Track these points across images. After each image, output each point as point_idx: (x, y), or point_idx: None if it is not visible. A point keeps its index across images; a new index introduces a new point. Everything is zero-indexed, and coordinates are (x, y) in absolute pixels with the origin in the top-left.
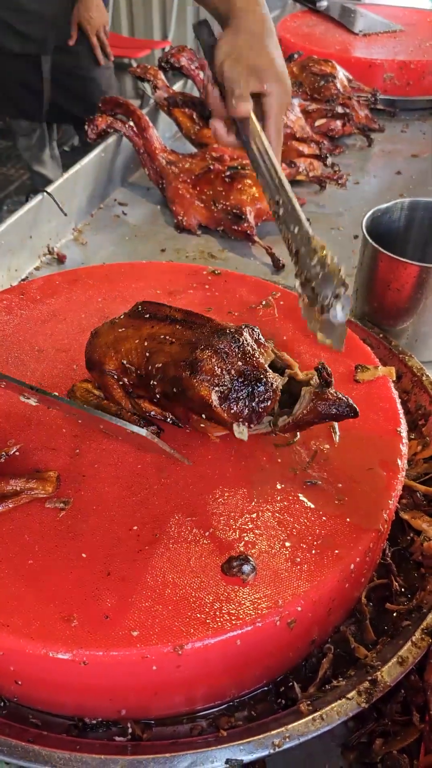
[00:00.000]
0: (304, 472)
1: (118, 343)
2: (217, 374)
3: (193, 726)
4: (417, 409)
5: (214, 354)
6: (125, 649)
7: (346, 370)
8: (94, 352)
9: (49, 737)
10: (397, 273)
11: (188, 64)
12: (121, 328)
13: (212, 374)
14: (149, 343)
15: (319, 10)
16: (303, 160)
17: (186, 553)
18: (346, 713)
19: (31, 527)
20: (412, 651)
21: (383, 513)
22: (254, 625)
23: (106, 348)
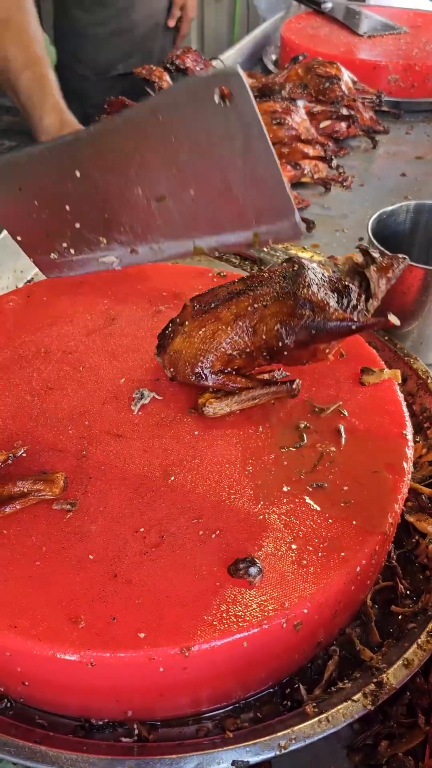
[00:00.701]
0: (309, 474)
1: (210, 342)
2: (326, 300)
3: (198, 727)
4: (422, 412)
5: (309, 288)
6: (132, 650)
7: (351, 372)
8: (186, 368)
9: (56, 738)
10: (402, 276)
11: (193, 66)
12: (200, 329)
13: (324, 302)
14: (244, 321)
15: (323, 11)
16: (308, 162)
17: (192, 555)
18: (351, 715)
19: (38, 529)
20: (417, 653)
21: (389, 516)
22: (261, 627)
23: (200, 355)
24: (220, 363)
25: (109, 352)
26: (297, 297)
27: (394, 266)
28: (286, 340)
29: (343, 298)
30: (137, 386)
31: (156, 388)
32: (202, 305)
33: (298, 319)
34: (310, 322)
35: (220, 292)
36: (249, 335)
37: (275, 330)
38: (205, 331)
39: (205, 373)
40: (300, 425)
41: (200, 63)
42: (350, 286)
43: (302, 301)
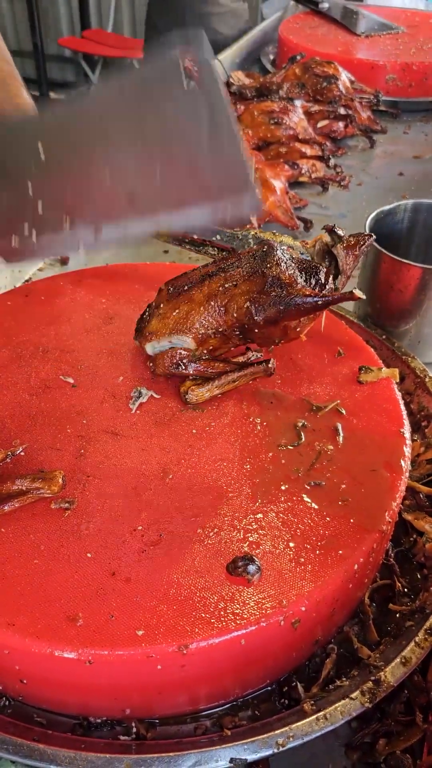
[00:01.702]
0: (307, 473)
1: (183, 323)
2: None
3: (197, 725)
4: (420, 411)
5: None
6: (130, 648)
7: (349, 371)
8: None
9: (54, 736)
10: (400, 275)
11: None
12: (174, 310)
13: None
14: (215, 301)
15: (321, 11)
16: (305, 162)
17: (191, 553)
18: (349, 713)
19: (36, 527)
20: (415, 651)
21: (386, 514)
22: (258, 625)
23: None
24: (195, 342)
25: (107, 350)
26: (265, 275)
27: (360, 243)
28: (256, 317)
29: (311, 278)
30: (135, 385)
31: (154, 386)
32: (176, 288)
33: (267, 296)
34: (278, 298)
35: (193, 275)
36: (221, 314)
37: (245, 308)
38: (179, 312)
39: (184, 362)
40: (298, 424)
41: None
42: (318, 266)
43: (271, 279)
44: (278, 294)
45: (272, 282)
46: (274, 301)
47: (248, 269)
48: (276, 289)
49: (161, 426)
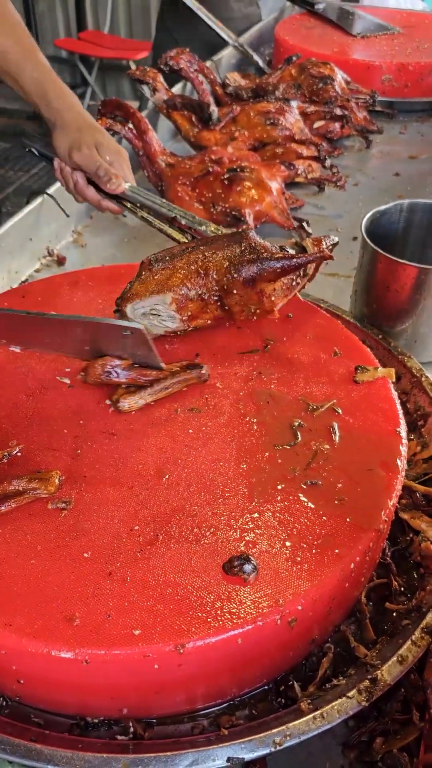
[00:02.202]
0: (304, 472)
1: (164, 284)
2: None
3: (194, 725)
4: (416, 410)
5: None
6: (127, 648)
7: (346, 371)
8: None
9: (51, 736)
10: (396, 274)
11: (187, 67)
12: (155, 275)
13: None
14: (196, 265)
15: (317, 12)
16: (301, 162)
17: (187, 553)
18: (346, 712)
19: (33, 527)
20: (411, 650)
21: (383, 513)
22: (255, 624)
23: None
24: (175, 304)
25: None
26: (242, 245)
27: (324, 241)
28: (235, 275)
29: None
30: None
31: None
32: (158, 258)
33: (246, 257)
34: (255, 260)
35: (174, 249)
36: (201, 277)
37: (224, 268)
38: (161, 275)
39: (116, 371)
40: (294, 423)
41: (194, 64)
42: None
43: (247, 246)
44: (255, 256)
45: (248, 248)
46: (251, 261)
47: (227, 242)
48: (253, 253)
49: (157, 426)
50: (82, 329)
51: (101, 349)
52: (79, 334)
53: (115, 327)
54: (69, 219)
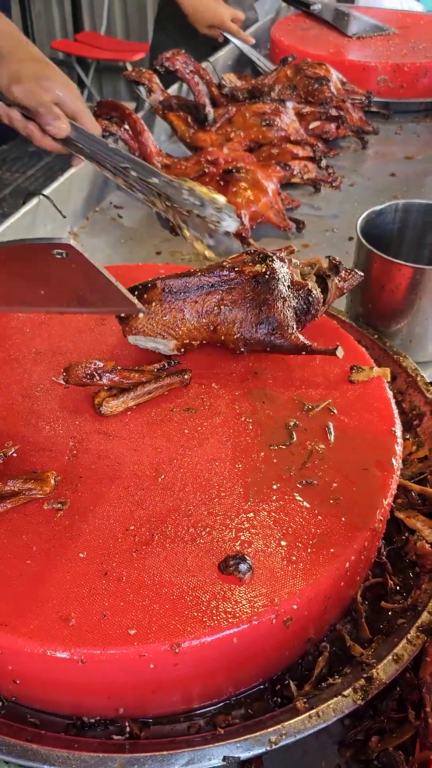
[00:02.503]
0: (299, 472)
1: (171, 329)
2: (287, 319)
3: (190, 724)
4: (412, 410)
5: (275, 304)
6: (122, 647)
7: (341, 371)
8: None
9: (47, 736)
10: (391, 274)
11: (183, 68)
12: (165, 315)
13: (286, 320)
14: (207, 318)
15: (312, 13)
16: (297, 163)
17: (183, 553)
18: (341, 710)
19: (28, 528)
20: (407, 648)
21: (378, 512)
22: (250, 623)
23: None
24: (177, 350)
25: (99, 352)
26: (261, 311)
27: (349, 280)
28: (242, 348)
29: (304, 304)
30: None
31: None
32: (172, 292)
33: (258, 335)
34: (267, 337)
35: (191, 282)
36: (209, 331)
37: (234, 337)
38: (169, 318)
39: (98, 373)
40: (289, 423)
41: (190, 65)
42: (312, 293)
43: (266, 317)
44: (268, 335)
45: (266, 321)
46: (263, 340)
47: (246, 296)
48: (267, 330)
49: (153, 426)
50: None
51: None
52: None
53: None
54: (65, 220)
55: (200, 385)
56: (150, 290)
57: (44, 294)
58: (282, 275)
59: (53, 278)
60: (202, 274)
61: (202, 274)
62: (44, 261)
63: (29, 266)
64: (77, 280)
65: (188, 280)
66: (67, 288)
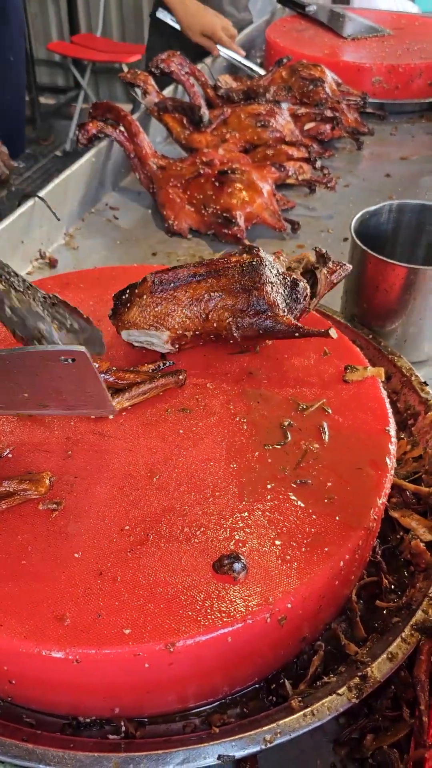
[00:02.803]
0: (293, 471)
1: (163, 320)
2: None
3: (185, 724)
4: (406, 409)
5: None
6: (117, 647)
7: (335, 370)
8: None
9: (43, 736)
10: (385, 274)
11: (178, 69)
12: (156, 306)
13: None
14: (198, 306)
15: (308, 14)
16: (292, 164)
17: (177, 552)
18: (336, 709)
19: (24, 528)
20: (401, 647)
21: (372, 511)
22: (245, 622)
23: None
24: (171, 342)
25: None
26: (250, 295)
27: (338, 271)
28: (235, 333)
29: (292, 293)
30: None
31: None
32: (162, 283)
33: (248, 316)
34: (258, 321)
35: (180, 273)
36: (201, 320)
37: (226, 322)
38: (161, 309)
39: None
40: (284, 423)
41: (185, 67)
42: (299, 283)
43: (255, 300)
44: (259, 317)
45: (256, 303)
46: (255, 323)
47: (236, 282)
48: (258, 312)
49: (148, 426)
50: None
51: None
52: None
53: (49, 354)
54: (61, 222)
55: (195, 385)
56: (141, 284)
57: (27, 397)
58: (268, 262)
59: (45, 382)
60: (192, 266)
61: (191, 266)
62: (47, 366)
63: (30, 372)
64: (69, 384)
65: (178, 271)
66: (53, 390)
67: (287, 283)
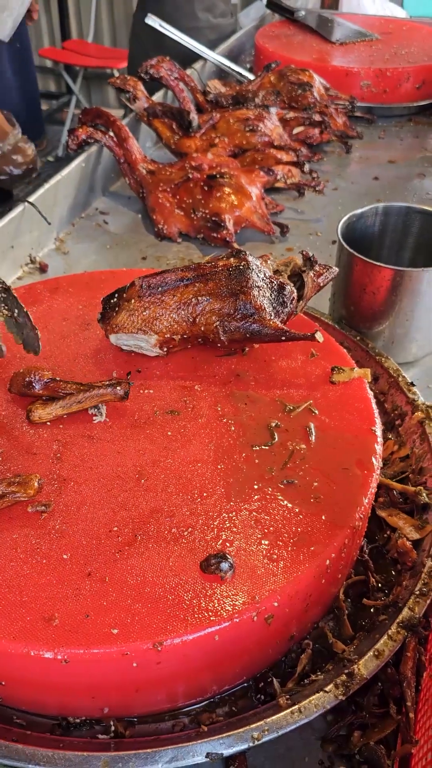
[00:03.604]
0: (280, 471)
1: (151, 324)
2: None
3: (175, 723)
4: (394, 410)
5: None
6: (105, 646)
7: (322, 372)
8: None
9: (33, 736)
10: (372, 276)
11: (168, 75)
12: (144, 310)
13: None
14: (186, 311)
15: (297, 19)
16: (281, 168)
17: (166, 553)
18: (323, 706)
19: (13, 530)
20: (388, 644)
21: (357, 510)
22: (232, 620)
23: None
24: (159, 345)
25: (83, 356)
26: (237, 299)
27: (325, 274)
28: (222, 337)
29: (279, 297)
30: None
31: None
32: (150, 287)
33: (235, 320)
34: (245, 325)
35: (168, 277)
36: (188, 323)
37: (213, 326)
38: (149, 313)
39: (34, 384)
40: (271, 424)
41: (175, 72)
42: (286, 287)
43: (242, 305)
44: (246, 320)
45: (243, 307)
46: (242, 327)
47: (223, 286)
48: (245, 316)
49: (137, 429)
50: None
51: None
52: None
53: None
54: (51, 226)
55: (183, 387)
56: (129, 288)
57: None
58: (255, 266)
59: None
60: (180, 270)
61: (179, 270)
62: None
63: None
64: None
65: (165, 275)
66: None
67: (274, 286)
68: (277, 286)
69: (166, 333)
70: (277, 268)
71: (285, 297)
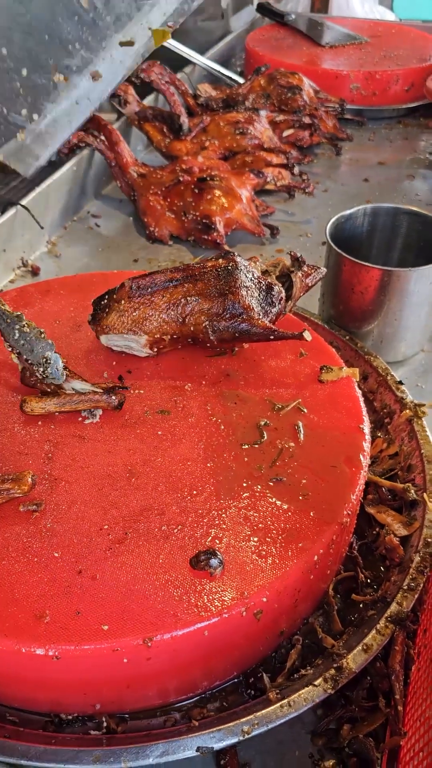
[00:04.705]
0: (269, 469)
1: (140, 325)
2: (251, 305)
3: (166, 718)
4: (383, 408)
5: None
6: (96, 642)
7: (311, 371)
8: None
9: (25, 733)
10: (360, 277)
11: (158, 79)
12: (134, 311)
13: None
14: (175, 311)
15: (286, 23)
16: (271, 170)
17: (156, 550)
18: (312, 699)
19: (4, 529)
20: (376, 638)
21: (345, 507)
22: (221, 616)
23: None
24: (149, 346)
25: (74, 357)
26: (226, 299)
27: (313, 274)
28: (211, 336)
29: (268, 297)
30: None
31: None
32: (140, 288)
33: (224, 320)
34: (234, 324)
35: (157, 278)
36: (178, 323)
37: (203, 326)
38: (138, 313)
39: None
40: (260, 423)
41: (165, 76)
42: (274, 287)
43: (230, 304)
44: (235, 320)
45: (231, 307)
46: (230, 326)
47: (211, 286)
48: (233, 316)
49: (128, 428)
50: None
51: None
52: None
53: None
54: (43, 229)
55: (174, 387)
56: (119, 290)
57: None
58: (243, 266)
59: None
60: (169, 271)
61: (168, 271)
62: None
63: None
64: None
65: (155, 276)
66: None
67: (262, 286)
68: (266, 286)
69: (156, 333)
70: (265, 268)
71: (273, 297)
